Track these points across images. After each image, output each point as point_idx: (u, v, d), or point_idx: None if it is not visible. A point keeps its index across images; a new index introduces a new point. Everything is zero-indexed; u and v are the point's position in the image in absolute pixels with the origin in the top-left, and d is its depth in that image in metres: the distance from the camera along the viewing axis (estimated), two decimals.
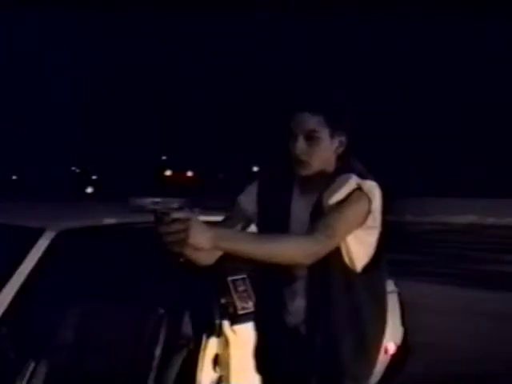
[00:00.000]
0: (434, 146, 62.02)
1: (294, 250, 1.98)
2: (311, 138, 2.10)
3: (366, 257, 2.12)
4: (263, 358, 2.31)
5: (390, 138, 62.57)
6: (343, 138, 2.15)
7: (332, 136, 2.12)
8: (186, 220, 1.79)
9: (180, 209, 1.85)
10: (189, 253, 1.85)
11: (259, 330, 2.33)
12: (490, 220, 24.29)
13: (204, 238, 1.82)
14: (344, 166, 2.16)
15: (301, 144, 2.10)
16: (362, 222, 2.07)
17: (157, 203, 2.03)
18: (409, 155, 59.62)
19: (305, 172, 2.14)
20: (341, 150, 2.15)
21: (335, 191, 2.06)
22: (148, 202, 2.65)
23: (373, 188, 2.08)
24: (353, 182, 2.07)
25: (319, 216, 2.07)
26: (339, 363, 2.17)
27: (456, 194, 31.01)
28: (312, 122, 2.09)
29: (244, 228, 2.28)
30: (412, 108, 71.99)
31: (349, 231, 2.06)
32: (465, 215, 25.14)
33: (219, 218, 3.62)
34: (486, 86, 72.83)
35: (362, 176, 2.11)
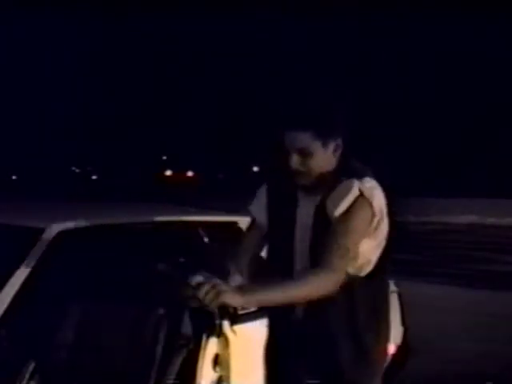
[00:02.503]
0: (434, 146, 62.04)
1: (318, 288, 2.05)
2: (304, 153, 2.11)
3: (376, 254, 2.15)
4: (271, 356, 2.38)
5: (390, 138, 62.56)
6: (339, 141, 2.16)
7: (325, 145, 2.13)
8: (207, 282, 1.94)
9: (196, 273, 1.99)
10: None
11: (269, 328, 2.40)
12: (490, 220, 24.27)
13: (232, 296, 1.96)
14: (343, 166, 2.17)
15: (295, 159, 2.13)
16: (369, 229, 2.11)
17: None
18: (409, 155, 59.62)
19: (304, 182, 2.17)
20: (338, 152, 2.17)
21: (339, 201, 2.09)
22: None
23: (372, 190, 2.10)
24: (355, 189, 2.08)
25: (324, 223, 2.11)
26: (338, 364, 2.19)
27: (456, 194, 31.00)
28: (302, 139, 2.10)
29: (263, 239, 2.35)
30: (412, 108, 71.99)
31: (360, 241, 2.10)
32: (465, 215, 25.11)
33: (222, 218, 3.63)
34: (486, 86, 72.84)
35: (361, 175, 2.12)
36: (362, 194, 2.08)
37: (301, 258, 2.20)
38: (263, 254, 2.46)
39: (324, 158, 2.14)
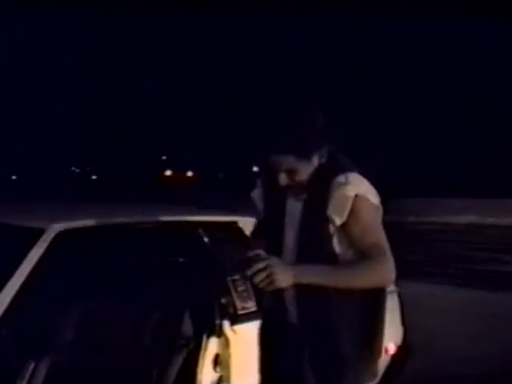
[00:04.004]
0: (434, 146, 62.03)
1: (375, 274, 2.16)
2: (291, 171, 2.19)
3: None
4: (268, 353, 2.40)
5: (390, 138, 62.55)
6: (323, 151, 2.23)
7: (310, 160, 2.20)
8: (268, 267, 2.03)
9: (258, 257, 2.07)
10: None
11: (264, 325, 2.45)
12: (490, 220, 24.26)
13: (288, 278, 2.06)
14: (328, 163, 2.24)
15: (283, 177, 2.21)
16: (379, 219, 2.25)
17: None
18: (409, 155, 59.63)
19: (294, 191, 2.26)
20: (324, 157, 2.24)
21: (341, 209, 2.17)
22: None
23: (361, 188, 2.19)
24: (349, 192, 2.17)
25: (311, 218, 2.22)
26: (337, 352, 2.22)
27: (456, 194, 30.97)
28: (286, 162, 2.17)
29: None
30: (412, 108, 71.98)
31: (382, 231, 2.22)
32: (465, 215, 25.10)
33: (222, 218, 3.63)
34: (486, 86, 72.82)
35: (346, 170, 2.21)
36: (357, 195, 2.17)
37: (288, 251, 2.28)
38: None
39: (310, 168, 2.22)
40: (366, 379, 2.32)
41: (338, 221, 2.18)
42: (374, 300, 2.28)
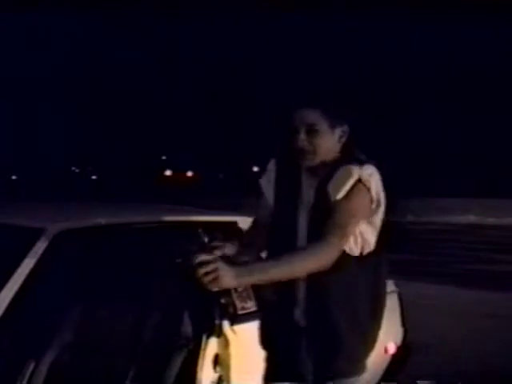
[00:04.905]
0: (434, 146, 62.03)
1: (313, 262, 2.11)
2: (312, 130, 2.22)
3: (374, 236, 2.25)
4: (270, 346, 2.42)
5: (390, 138, 62.57)
6: (345, 128, 2.27)
7: (332, 127, 2.24)
8: (212, 262, 1.97)
9: (204, 249, 2.05)
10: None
11: (265, 321, 2.46)
12: (490, 220, 24.28)
13: (229, 279, 1.98)
14: (346, 154, 2.27)
15: (302, 136, 2.23)
16: (367, 212, 2.22)
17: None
18: (409, 155, 59.62)
19: (309, 163, 2.27)
20: (344, 138, 2.28)
21: (339, 186, 2.19)
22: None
23: (369, 176, 2.20)
24: (355, 174, 2.18)
25: (323, 205, 2.21)
26: (335, 341, 2.25)
27: (456, 194, 30.99)
28: (311, 116, 2.22)
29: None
30: (412, 108, 72.00)
31: (357, 224, 2.20)
32: (465, 215, 25.13)
33: (222, 218, 3.63)
34: (486, 86, 72.84)
35: (363, 162, 2.22)
36: (360, 180, 2.18)
37: (302, 236, 2.30)
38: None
39: (329, 141, 2.25)
40: (358, 369, 2.33)
41: (333, 197, 2.19)
42: (374, 294, 2.31)
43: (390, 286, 3.86)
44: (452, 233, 20.20)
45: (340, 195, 2.18)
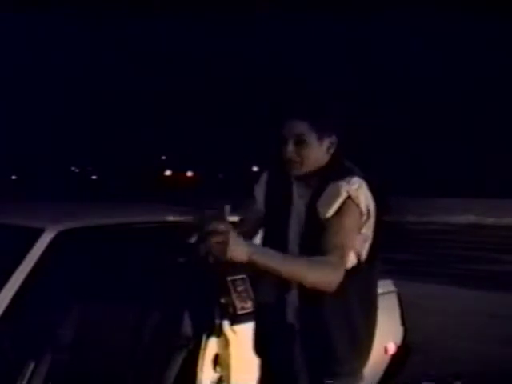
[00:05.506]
0: (434, 145, 62.03)
1: (317, 277, 2.09)
2: (300, 141, 2.24)
3: (365, 247, 2.24)
4: (263, 351, 2.43)
5: (391, 138, 62.57)
6: (333, 139, 2.28)
7: (320, 138, 2.25)
8: (225, 232, 1.90)
9: (220, 219, 1.95)
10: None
11: (259, 324, 2.45)
12: (490, 220, 24.29)
13: (241, 252, 1.94)
14: (333, 164, 2.28)
15: (290, 147, 2.25)
16: (360, 227, 2.21)
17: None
18: (409, 155, 59.63)
19: (297, 172, 2.28)
20: (332, 149, 2.28)
21: (329, 205, 2.19)
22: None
23: (357, 191, 2.20)
24: (343, 191, 2.19)
25: (314, 221, 2.21)
26: (329, 350, 2.25)
27: (456, 194, 30.98)
28: (299, 127, 2.23)
29: (259, 222, 2.44)
30: (412, 108, 72.00)
31: (353, 240, 2.19)
32: (465, 215, 25.13)
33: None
34: (486, 86, 72.84)
35: (350, 174, 2.22)
36: (349, 197, 2.18)
37: (293, 246, 2.30)
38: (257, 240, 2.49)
39: (317, 152, 2.25)
40: (353, 372, 2.33)
41: (323, 215, 2.19)
42: (367, 306, 2.33)
43: (390, 285, 3.86)
44: (452, 233, 20.21)
45: (330, 213, 2.18)
